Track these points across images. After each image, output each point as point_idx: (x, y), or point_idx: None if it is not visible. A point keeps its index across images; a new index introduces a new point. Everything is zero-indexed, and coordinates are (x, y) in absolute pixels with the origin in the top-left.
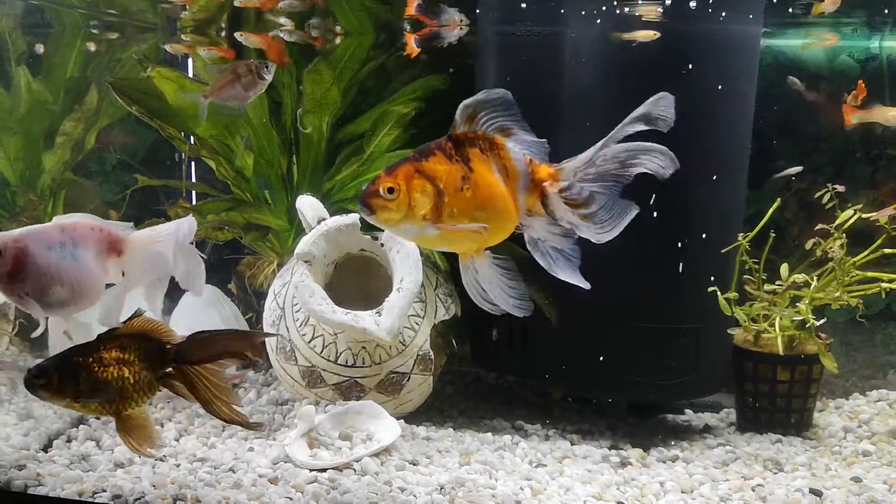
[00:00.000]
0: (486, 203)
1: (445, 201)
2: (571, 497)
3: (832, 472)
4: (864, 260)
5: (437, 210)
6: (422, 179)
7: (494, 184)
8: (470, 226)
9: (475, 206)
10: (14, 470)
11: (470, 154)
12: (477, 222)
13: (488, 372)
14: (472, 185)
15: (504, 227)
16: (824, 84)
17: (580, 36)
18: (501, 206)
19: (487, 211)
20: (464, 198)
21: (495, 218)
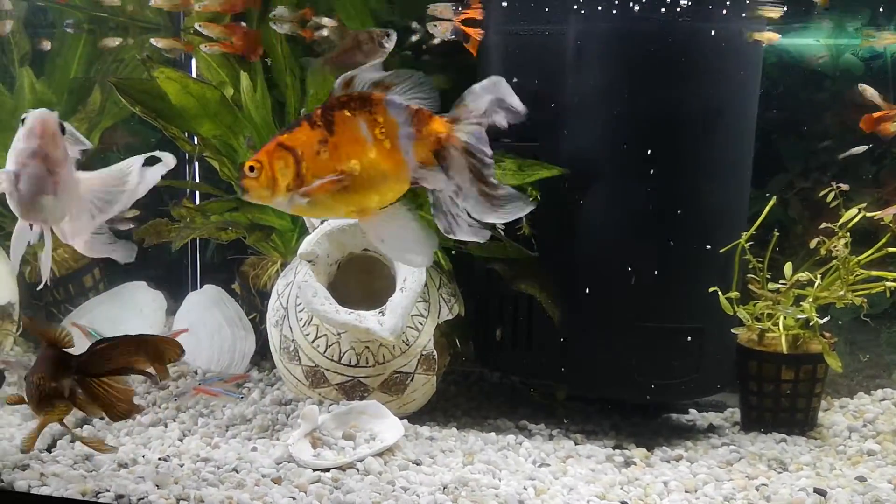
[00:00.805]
0: (349, 163)
1: (305, 168)
2: (575, 497)
3: (836, 472)
4: (868, 259)
5: (298, 178)
6: (282, 152)
7: (359, 142)
8: (327, 178)
9: (335, 167)
10: (18, 470)
11: (335, 117)
12: (343, 181)
13: (492, 372)
14: (329, 148)
15: (385, 182)
16: (829, 83)
17: (582, 35)
18: (370, 164)
19: (352, 169)
20: (323, 161)
21: (368, 176)
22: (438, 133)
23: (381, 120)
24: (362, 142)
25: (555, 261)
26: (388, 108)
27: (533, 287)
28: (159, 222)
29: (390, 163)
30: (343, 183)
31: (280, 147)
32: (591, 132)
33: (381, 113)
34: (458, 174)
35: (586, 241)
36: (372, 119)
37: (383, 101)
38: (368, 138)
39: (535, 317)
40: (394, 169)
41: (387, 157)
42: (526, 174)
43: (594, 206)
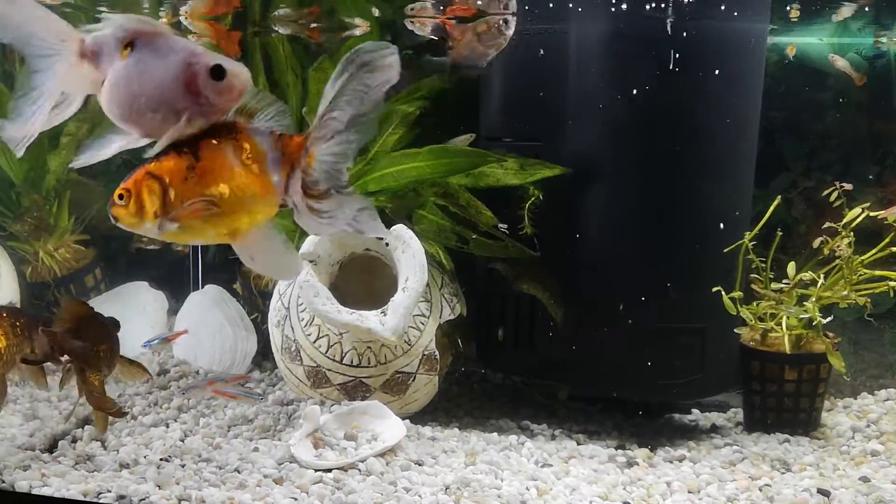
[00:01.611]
0: (216, 187)
1: (173, 195)
2: (577, 497)
3: (840, 472)
4: (871, 258)
5: (165, 205)
6: (149, 180)
7: (226, 168)
8: (195, 201)
9: (202, 193)
10: (19, 470)
11: (201, 145)
12: (211, 205)
13: (494, 372)
14: (197, 175)
15: (254, 205)
16: (831, 81)
17: (583, 34)
18: (238, 188)
19: (221, 195)
20: (190, 188)
21: (236, 199)
22: (295, 154)
23: (246, 146)
24: (229, 167)
25: (556, 261)
26: (254, 134)
27: (535, 287)
28: None
29: (258, 186)
30: (211, 209)
31: (148, 175)
32: (592, 132)
33: (247, 139)
34: (292, 198)
35: (587, 240)
36: (238, 145)
37: (247, 129)
38: (235, 164)
39: (537, 317)
40: (262, 192)
41: (254, 182)
42: (528, 173)
43: (595, 206)
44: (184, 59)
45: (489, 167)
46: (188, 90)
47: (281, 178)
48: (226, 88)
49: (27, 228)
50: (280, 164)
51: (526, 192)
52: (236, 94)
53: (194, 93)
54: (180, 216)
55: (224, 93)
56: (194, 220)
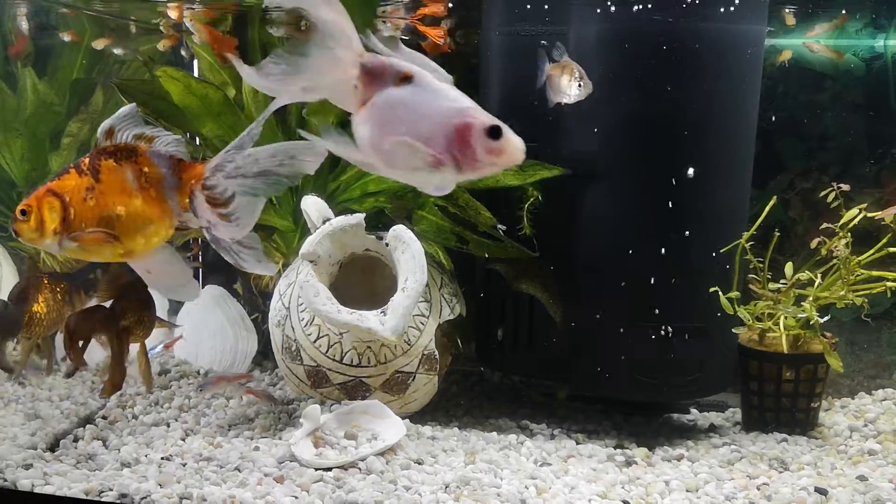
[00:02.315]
0: (114, 209)
1: (73, 214)
2: (576, 496)
3: (838, 471)
4: (869, 259)
5: (65, 223)
6: (50, 197)
7: (125, 190)
8: (95, 231)
9: (101, 213)
10: (21, 469)
11: (102, 166)
12: (107, 228)
13: (493, 371)
14: (96, 195)
15: (149, 228)
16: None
17: (583, 36)
18: (135, 210)
19: (119, 216)
20: (89, 207)
21: (133, 221)
22: (191, 180)
23: (146, 169)
24: (128, 190)
25: (555, 261)
26: (153, 158)
27: (534, 287)
28: None
29: (155, 209)
30: (110, 239)
31: (49, 193)
32: (591, 132)
33: (146, 163)
34: (203, 217)
35: (586, 240)
36: (137, 168)
37: (147, 152)
38: (134, 186)
39: (536, 316)
40: (159, 215)
41: (152, 204)
42: (527, 174)
43: (594, 206)
44: (464, 107)
45: None
46: (458, 137)
47: (178, 202)
48: (496, 150)
49: None
50: (178, 188)
51: (525, 193)
52: (504, 160)
53: (462, 142)
54: (80, 238)
55: (493, 153)
56: (92, 242)
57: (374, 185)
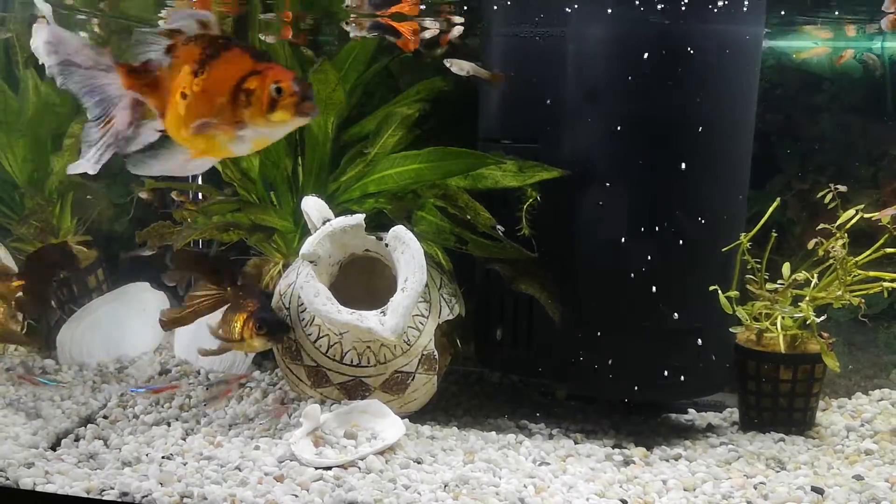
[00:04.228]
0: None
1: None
2: (574, 495)
3: (834, 471)
4: (866, 259)
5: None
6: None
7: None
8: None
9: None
10: (23, 468)
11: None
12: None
13: (492, 371)
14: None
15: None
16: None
17: (583, 37)
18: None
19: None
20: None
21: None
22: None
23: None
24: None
25: (554, 261)
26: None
27: (533, 287)
28: (161, 225)
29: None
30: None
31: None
32: (588, 134)
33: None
34: None
35: (584, 241)
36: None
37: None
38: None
39: (535, 316)
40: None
41: None
42: (526, 175)
43: (592, 207)
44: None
45: (488, 169)
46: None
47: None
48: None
49: (31, 230)
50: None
51: (524, 194)
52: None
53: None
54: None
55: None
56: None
57: (373, 186)
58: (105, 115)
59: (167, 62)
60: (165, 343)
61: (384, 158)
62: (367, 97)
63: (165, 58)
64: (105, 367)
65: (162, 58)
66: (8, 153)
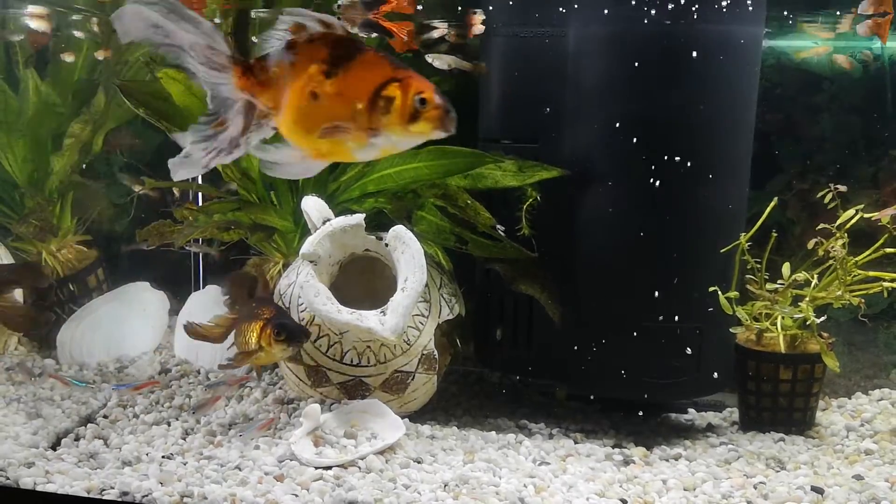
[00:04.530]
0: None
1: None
2: (574, 494)
3: (834, 471)
4: (866, 259)
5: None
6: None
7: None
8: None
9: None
10: (23, 468)
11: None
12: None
13: (492, 371)
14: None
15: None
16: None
17: (582, 37)
18: None
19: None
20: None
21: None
22: None
23: None
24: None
25: (554, 261)
26: None
27: (533, 287)
28: (162, 224)
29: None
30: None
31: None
32: (590, 133)
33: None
34: None
35: (584, 241)
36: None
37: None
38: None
39: (535, 316)
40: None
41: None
42: (526, 175)
43: (591, 207)
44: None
45: (487, 169)
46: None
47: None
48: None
49: (31, 229)
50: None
51: (524, 194)
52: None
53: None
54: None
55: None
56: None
57: (373, 186)
58: (218, 115)
59: (285, 59)
60: (165, 343)
61: (384, 158)
62: None
63: (283, 55)
64: (105, 366)
65: (279, 54)
66: (8, 153)
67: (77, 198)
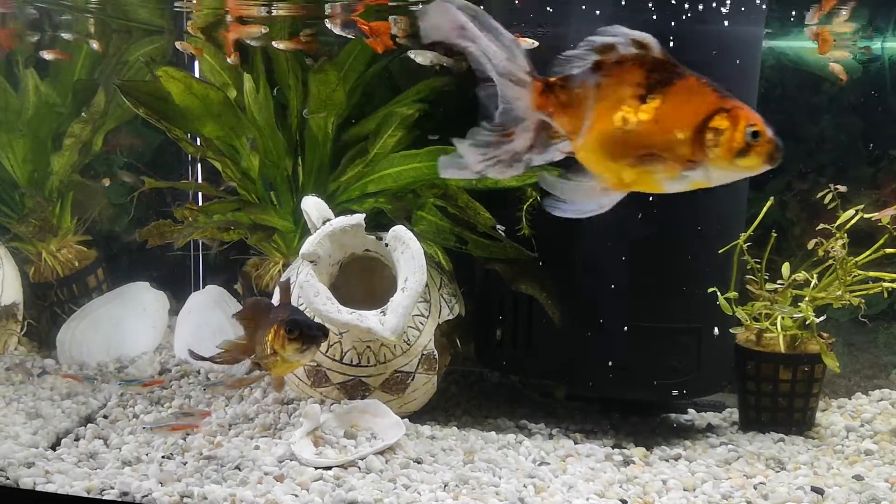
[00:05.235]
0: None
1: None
2: (574, 494)
3: (834, 471)
4: (866, 260)
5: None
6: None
7: None
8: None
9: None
10: (23, 468)
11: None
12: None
13: (492, 371)
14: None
15: None
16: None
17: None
18: None
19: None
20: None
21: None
22: None
23: None
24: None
25: (553, 261)
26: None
27: (533, 287)
28: (162, 223)
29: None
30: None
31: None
32: None
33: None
34: None
35: (584, 241)
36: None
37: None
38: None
39: (534, 317)
40: None
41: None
42: (526, 175)
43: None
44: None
45: None
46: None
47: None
48: None
49: (31, 229)
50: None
51: (524, 194)
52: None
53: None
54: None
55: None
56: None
57: (373, 186)
58: (506, 127)
59: (591, 81)
60: (165, 343)
61: (384, 158)
62: (367, 97)
63: (588, 75)
64: (105, 366)
65: (584, 75)
66: (8, 153)
67: (77, 198)
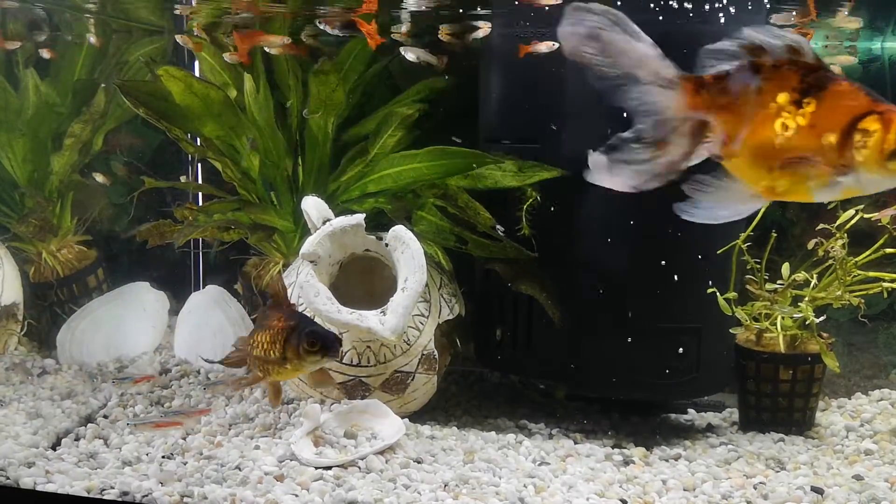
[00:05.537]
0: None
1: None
2: (574, 494)
3: (834, 471)
4: (865, 260)
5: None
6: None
7: None
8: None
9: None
10: (23, 467)
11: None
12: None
13: (492, 371)
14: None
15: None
16: None
17: None
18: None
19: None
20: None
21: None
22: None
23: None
24: None
25: (554, 261)
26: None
27: (533, 287)
28: (162, 223)
29: None
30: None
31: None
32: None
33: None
34: None
35: (584, 241)
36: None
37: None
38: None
39: (534, 317)
40: None
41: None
42: (526, 175)
43: (590, 207)
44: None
45: (487, 169)
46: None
47: None
48: None
49: (31, 229)
50: None
51: (524, 194)
52: None
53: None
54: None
55: None
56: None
57: (373, 186)
58: (657, 137)
59: (752, 83)
60: (165, 343)
61: (384, 158)
62: (367, 97)
63: (748, 77)
64: (105, 366)
65: (744, 77)
66: (8, 153)
67: (77, 198)
